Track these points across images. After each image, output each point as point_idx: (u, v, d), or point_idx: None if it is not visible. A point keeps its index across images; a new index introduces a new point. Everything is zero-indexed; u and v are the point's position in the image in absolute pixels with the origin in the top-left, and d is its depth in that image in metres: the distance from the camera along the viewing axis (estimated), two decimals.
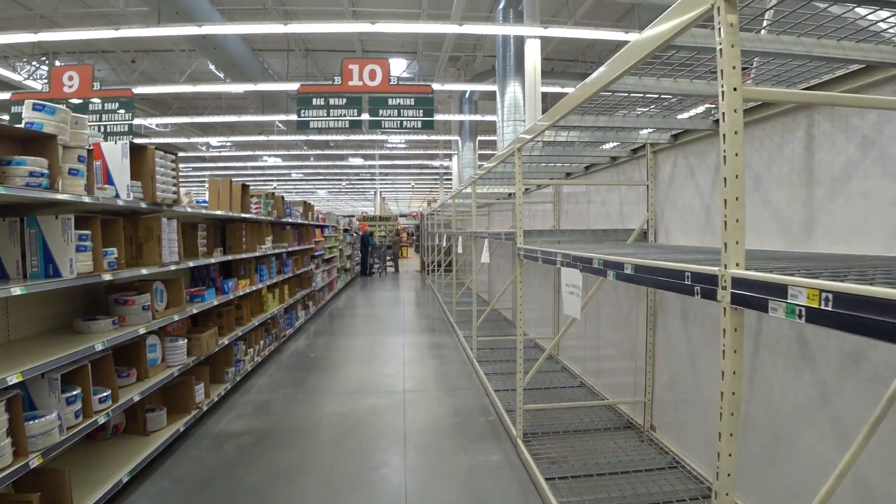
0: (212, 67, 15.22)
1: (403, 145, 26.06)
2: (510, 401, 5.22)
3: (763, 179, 3.10)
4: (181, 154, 23.03)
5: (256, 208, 6.71)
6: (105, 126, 8.31)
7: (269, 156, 27.40)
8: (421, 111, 8.15)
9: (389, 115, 8.06)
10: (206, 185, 6.35)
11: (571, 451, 4.12)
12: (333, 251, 13.69)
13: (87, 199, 3.10)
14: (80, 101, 8.25)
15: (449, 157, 23.61)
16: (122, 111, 8.40)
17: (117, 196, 3.54)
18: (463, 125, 17.73)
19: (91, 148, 3.32)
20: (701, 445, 3.69)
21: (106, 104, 8.43)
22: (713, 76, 2.66)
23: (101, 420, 3.28)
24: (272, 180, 32.90)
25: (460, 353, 7.49)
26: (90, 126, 8.64)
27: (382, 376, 6.40)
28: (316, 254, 10.88)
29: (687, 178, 3.88)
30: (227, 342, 5.41)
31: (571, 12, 12.76)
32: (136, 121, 17.07)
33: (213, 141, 25.49)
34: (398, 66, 17.67)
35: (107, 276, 3.33)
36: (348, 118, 8.00)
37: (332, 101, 7.97)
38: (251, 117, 15.06)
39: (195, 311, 4.74)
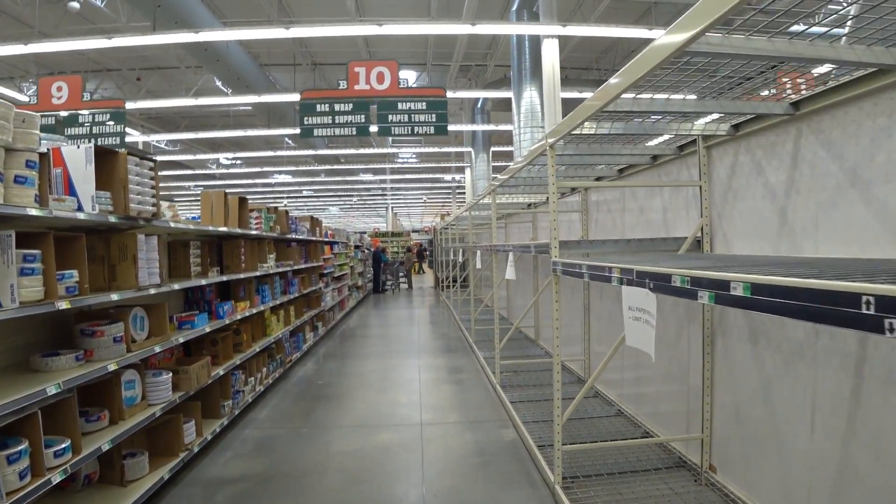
0: (218, 84, 14.92)
1: (415, 159, 25.64)
2: (541, 434, 4.59)
3: (863, 172, 2.49)
4: (188, 172, 22.83)
5: (257, 224, 6.18)
6: (95, 139, 7.85)
7: (279, 172, 27.14)
8: (434, 116, 7.60)
9: (399, 121, 7.52)
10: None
11: (619, 501, 3.48)
12: (344, 268, 13.16)
13: (34, 212, 2.56)
14: (69, 113, 7.82)
15: (461, 169, 23.10)
16: (112, 123, 7.94)
17: (79, 208, 3.00)
18: (476, 136, 17.22)
19: (46, 152, 2.79)
20: (776, 490, 3.03)
21: (96, 116, 7.97)
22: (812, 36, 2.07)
23: (57, 478, 2.71)
24: (282, 197, 32.61)
25: (481, 378, 6.86)
26: (80, 140, 8.25)
27: (396, 406, 5.79)
28: (325, 272, 10.34)
29: (752, 175, 3.26)
30: (222, 372, 4.84)
31: (586, 16, 12.25)
32: (143, 138, 16.79)
33: (223, 158, 25.25)
34: (407, 78, 17.28)
35: (63, 304, 2.77)
36: (355, 125, 7.47)
37: (337, 107, 7.45)
38: (258, 132, 14.67)
39: (183, 340, 4.18)
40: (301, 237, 8.28)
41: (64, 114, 7.79)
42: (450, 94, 10.97)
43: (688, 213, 4.06)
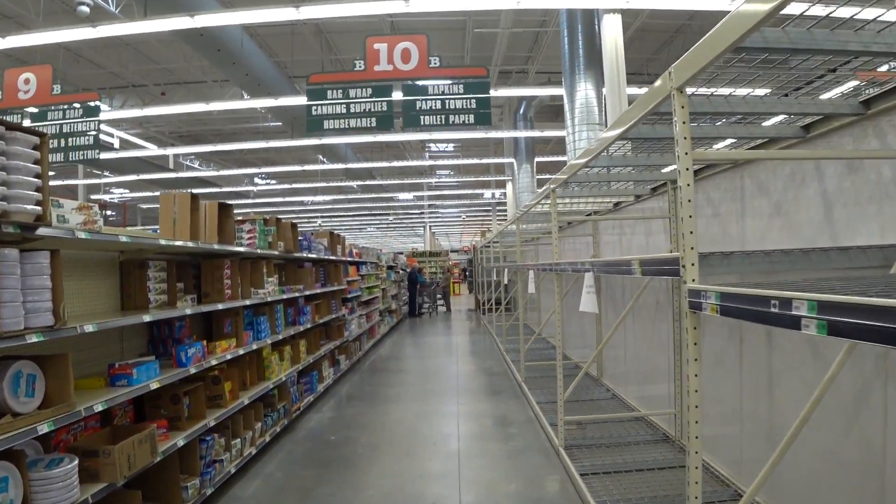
0: (247, 97, 14.00)
1: (451, 175, 24.37)
2: None
3: None
4: (220, 190, 22.01)
5: (250, 239, 4.87)
6: (66, 139, 6.73)
7: (313, 189, 26.28)
8: (473, 101, 6.17)
9: (431, 109, 6.12)
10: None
11: None
12: (374, 291, 11.81)
13: None
14: (38, 108, 6.72)
15: (502, 184, 21.65)
16: (86, 119, 6.81)
17: None
18: (518, 145, 15.79)
19: None
20: None
21: (67, 112, 6.86)
22: None
23: None
24: (317, 217, 31.81)
25: (537, 434, 5.33)
26: (49, 141, 7.17)
27: (427, 480, 4.32)
28: (349, 296, 9.00)
29: None
30: (182, 442, 3.48)
31: (636, 13, 10.77)
32: (160, 151, 15.92)
33: (259, 180, 24.53)
34: (439, 57, 15.99)
35: None
36: (375, 115, 6.09)
37: (352, 93, 6.11)
38: (283, 142, 13.63)
39: (104, 408, 2.83)
40: (316, 256, 6.96)
41: (33, 110, 6.73)
42: (492, 93, 9.63)
43: (880, 208, 2.52)
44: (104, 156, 14.99)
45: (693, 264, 1.94)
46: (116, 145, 16.82)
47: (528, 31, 12.04)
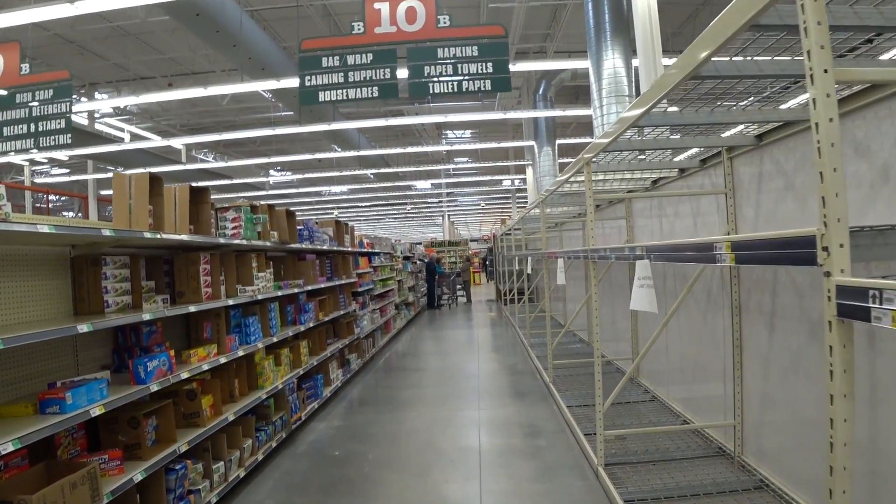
0: (261, 91, 13.31)
1: (469, 162, 23.57)
2: None
3: None
4: (230, 181, 21.51)
5: (235, 229, 4.22)
6: (37, 124, 6.10)
7: (328, 180, 25.69)
8: (489, 65, 5.41)
9: (441, 75, 5.36)
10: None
11: None
12: (389, 283, 11.16)
13: None
14: (6, 91, 6.11)
15: (521, 170, 20.80)
16: (58, 100, 6.16)
17: None
18: (538, 127, 14.96)
19: None
20: None
21: (37, 92, 6.22)
22: None
23: None
24: (334, 208, 31.29)
25: (570, 447, 4.62)
26: (19, 126, 6.60)
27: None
28: (360, 289, 8.35)
29: None
30: (140, 476, 2.85)
31: None
32: (164, 142, 15.39)
33: (273, 172, 24.00)
34: (449, 16, 15.22)
35: None
36: (377, 83, 5.35)
37: (351, 60, 5.39)
38: (291, 129, 13.02)
39: (17, 446, 2.19)
40: (319, 247, 6.31)
41: (2, 92, 6.12)
42: (511, 68, 8.87)
43: None
44: (108, 148, 14.56)
45: (842, 245, 1.22)
46: (127, 139, 16.41)
47: (547, 4, 11.20)
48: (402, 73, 5.63)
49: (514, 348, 9.57)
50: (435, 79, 5.36)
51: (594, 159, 3.94)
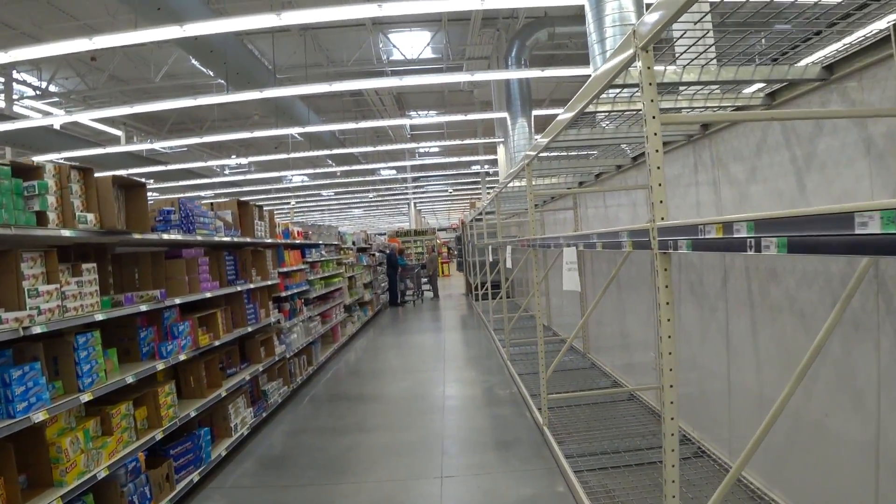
0: (220, 81, 11.03)
1: (437, 149, 21.47)
2: None
3: None
4: (176, 170, 18.95)
5: None
6: None
7: (291, 174, 23.36)
8: None
9: None
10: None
11: None
12: (335, 281, 9.08)
13: None
14: None
15: (492, 149, 18.75)
16: None
17: None
18: (511, 95, 13.00)
19: None
20: None
21: None
22: None
23: None
24: (291, 197, 28.87)
25: None
26: None
27: None
28: (285, 293, 6.28)
29: None
30: None
31: None
32: (136, 147, 13.01)
33: (232, 162, 21.51)
34: (421, 40, 13.19)
35: None
36: None
37: None
38: (265, 132, 10.79)
39: None
40: (206, 239, 4.24)
41: None
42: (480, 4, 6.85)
43: None
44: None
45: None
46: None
47: None
48: None
49: (490, 360, 7.62)
50: None
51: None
